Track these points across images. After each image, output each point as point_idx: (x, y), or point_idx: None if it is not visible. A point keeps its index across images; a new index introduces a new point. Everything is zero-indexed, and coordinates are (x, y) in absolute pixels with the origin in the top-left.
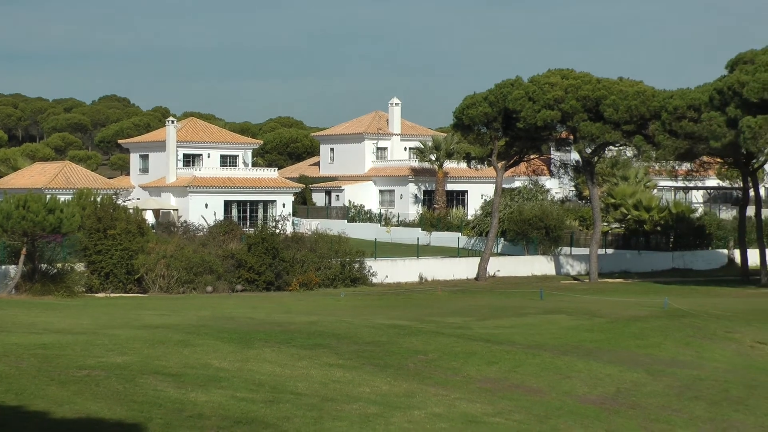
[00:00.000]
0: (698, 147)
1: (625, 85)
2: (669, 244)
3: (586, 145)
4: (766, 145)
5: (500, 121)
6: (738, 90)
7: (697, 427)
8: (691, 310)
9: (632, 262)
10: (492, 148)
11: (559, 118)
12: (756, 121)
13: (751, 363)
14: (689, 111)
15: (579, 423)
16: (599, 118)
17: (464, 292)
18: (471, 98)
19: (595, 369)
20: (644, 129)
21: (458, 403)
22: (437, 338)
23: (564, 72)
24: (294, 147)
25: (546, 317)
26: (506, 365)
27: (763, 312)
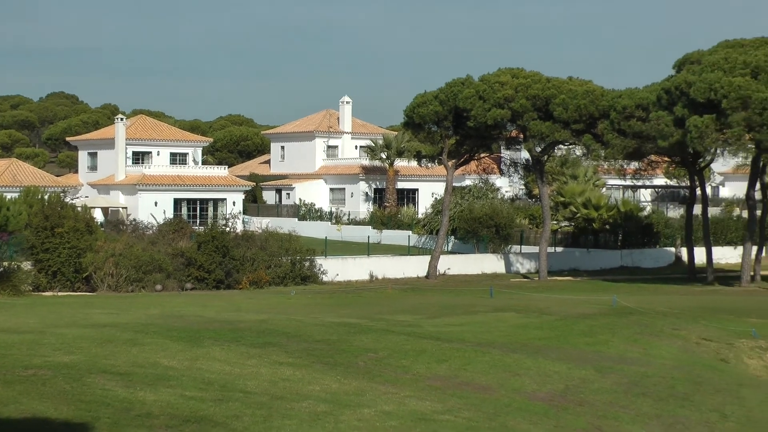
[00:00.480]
0: (646, 146)
1: (574, 84)
2: (617, 243)
3: (535, 143)
4: (712, 145)
5: (451, 119)
6: (685, 90)
7: (644, 423)
8: (638, 307)
9: (581, 260)
10: (442, 146)
11: (509, 116)
12: (702, 120)
13: (696, 359)
14: (637, 110)
15: (528, 420)
16: (549, 117)
17: (415, 290)
18: (422, 97)
19: (544, 366)
20: (593, 128)
21: (408, 401)
22: (387, 336)
23: (514, 71)
24: (244, 145)
25: (495, 315)
26: (456, 363)
27: (709, 309)
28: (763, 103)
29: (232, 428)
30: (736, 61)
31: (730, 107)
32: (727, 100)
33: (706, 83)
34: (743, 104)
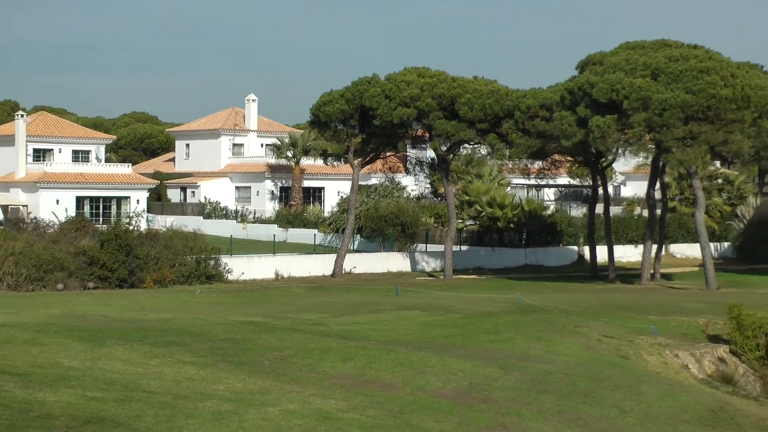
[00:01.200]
0: (550, 146)
1: (479, 84)
2: (522, 241)
3: (441, 142)
4: (614, 145)
5: (357, 118)
6: (588, 90)
7: (547, 419)
8: (542, 305)
9: (486, 258)
10: (349, 145)
11: (415, 115)
12: (604, 121)
13: (598, 357)
14: (541, 110)
15: (432, 417)
16: (454, 117)
17: (320, 289)
18: (328, 95)
19: (449, 364)
20: (498, 127)
21: (313, 399)
22: (292, 335)
23: (420, 70)
24: (149, 143)
25: (401, 313)
26: (361, 361)
27: (611, 307)
28: (662, 104)
29: (135, 428)
30: (637, 62)
31: (631, 108)
32: (629, 101)
33: (608, 84)
34: (644, 105)
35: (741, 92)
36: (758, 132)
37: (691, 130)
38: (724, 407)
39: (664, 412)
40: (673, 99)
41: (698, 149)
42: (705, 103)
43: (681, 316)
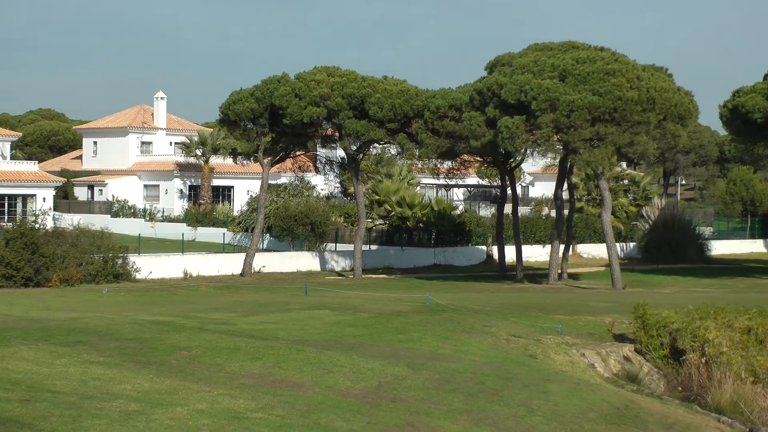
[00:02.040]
0: (459, 146)
1: (389, 84)
2: (431, 241)
3: (351, 142)
4: (522, 145)
5: (267, 117)
6: (497, 91)
7: (455, 418)
8: (450, 305)
9: (395, 258)
10: (258, 143)
11: (325, 115)
12: (513, 121)
13: (506, 356)
14: (451, 110)
15: (341, 417)
16: (364, 116)
17: (229, 288)
18: (237, 94)
19: (358, 363)
20: (408, 127)
21: (221, 399)
22: (201, 334)
23: (330, 69)
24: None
25: (310, 313)
26: (270, 361)
27: (519, 306)
28: (570, 106)
29: (40, 429)
30: (545, 64)
31: (539, 109)
32: (537, 101)
33: (516, 85)
34: (551, 106)
35: (646, 94)
36: (663, 134)
37: (598, 132)
38: (629, 405)
39: (570, 410)
40: (580, 100)
41: (605, 150)
42: (611, 104)
43: (587, 315)
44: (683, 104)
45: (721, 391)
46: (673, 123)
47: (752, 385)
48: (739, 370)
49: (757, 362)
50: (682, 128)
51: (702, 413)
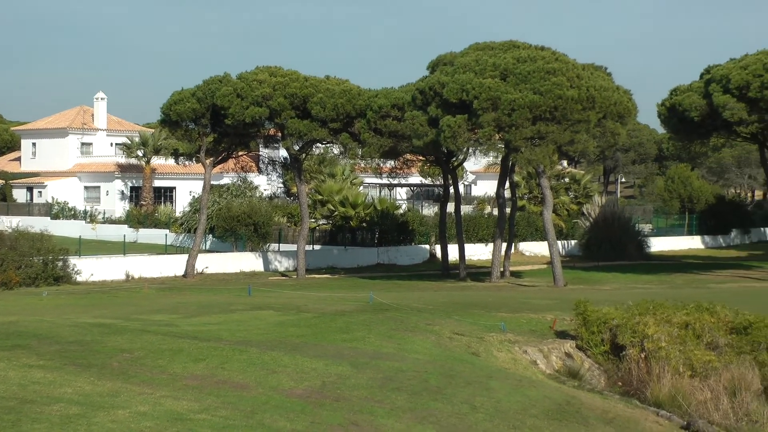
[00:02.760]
0: (402, 145)
1: (331, 83)
2: (374, 240)
3: (293, 142)
4: (464, 144)
5: (208, 117)
6: (438, 90)
7: (399, 417)
8: (394, 304)
9: (339, 257)
10: (200, 144)
11: (267, 115)
12: (455, 120)
13: (449, 354)
14: (393, 110)
15: (285, 417)
16: (307, 116)
17: (172, 290)
18: (179, 94)
19: (302, 363)
20: (350, 127)
21: (164, 401)
22: (143, 336)
23: (272, 69)
24: None
25: (253, 313)
26: (213, 362)
27: (462, 304)
28: (511, 105)
29: None
30: (487, 63)
31: (480, 108)
32: (478, 101)
33: (458, 84)
34: (493, 105)
35: (586, 93)
36: (603, 132)
37: (539, 130)
38: (570, 401)
39: (513, 407)
40: (521, 99)
41: (546, 149)
42: (552, 103)
43: (530, 312)
44: (622, 103)
45: (660, 386)
46: (612, 121)
47: (690, 379)
48: (677, 364)
49: (695, 356)
50: (621, 126)
51: (641, 407)
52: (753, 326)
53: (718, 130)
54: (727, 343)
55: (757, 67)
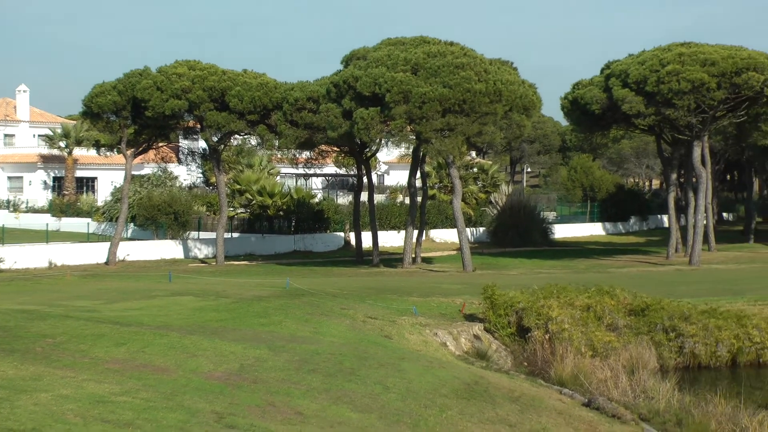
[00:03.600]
0: (317, 136)
1: (249, 77)
2: (291, 228)
3: (212, 133)
4: (377, 136)
5: (129, 109)
6: (352, 84)
7: (314, 397)
8: (310, 289)
9: (257, 245)
10: (121, 135)
11: (187, 107)
12: (368, 113)
13: (362, 337)
14: (309, 103)
15: (204, 399)
16: (225, 108)
17: (94, 277)
18: (100, 87)
19: (221, 347)
20: (267, 119)
21: (86, 384)
22: (66, 322)
23: (191, 63)
24: None
25: (174, 299)
26: (134, 346)
27: (375, 289)
28: (422, 98)
29: None
30: (398, 58)
31: (392, 101)
32: (390, 94)
33: (371, 78)
34: (404, 98)
35: (493, 87)
36: (509, 124)
37: (449, 122)
38: (478, 381)
39: (423, 387)
40: (431, 93)
41: (455, 140)
42: (461, 96)
43: (440, 297)
44: (527, 96)
45: (563, 366)
46: (518, 114)
47: (591, 359)
48: (579, 345)
49: (596, 337)
50: (526, 119)
51: (546, 386)
52: (650, 308)
53: (617, 122)
54: (626, 324)
55: (653, 63)
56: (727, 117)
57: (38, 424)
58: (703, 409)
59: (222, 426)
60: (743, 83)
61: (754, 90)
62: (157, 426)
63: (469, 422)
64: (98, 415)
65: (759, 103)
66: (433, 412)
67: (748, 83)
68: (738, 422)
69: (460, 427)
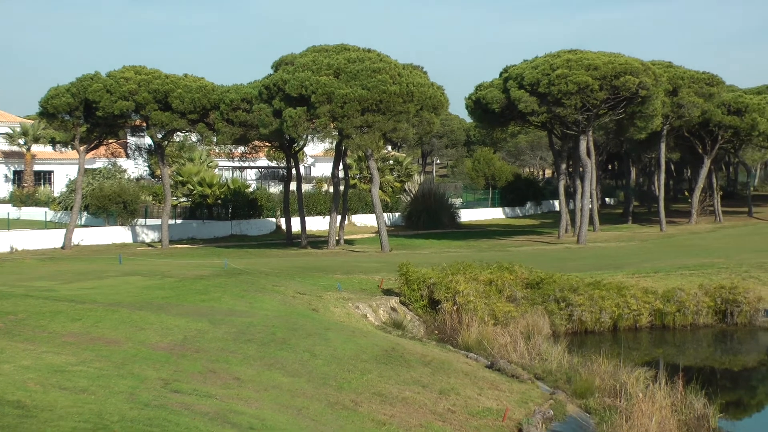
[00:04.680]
0: (251, 133)
1: (189, 80)
2: (228, 215)
3: (157, 131)
4: (304, 132)
5: (81, 110)
6: (281, 86)
7: (250, 364)
8: (246, 269)
9: (198, 230)
10: (75, 133)
11: (134, 108)
12: (295, 112)
13: (292, 310)
14: (243, 103)
15: (152, 367)
16: (168, 109)
17: (52, 260)
18: (55, 90)
19: (166, 321)
20: (206, 118)
21: (45, 355)
22: (26, 300)
23: (137, 68)
24: None
25: (124, 279)
26: (89, 321)
27: (303, 268)
28: (343, 98)
29: None
30: (322, 63)
31: (317, 101)
32: (315, 95)
33: (298, 81)
34: (328, 99)
35: (406, 89)
36: (420, 122)
37: (367, 120)
38: (395, 347)
39: (346, 353)
40: (351, 94)
41: (373, 136)
42: (377, 97)
43: (361, 274)
44: (436, 97)
45: (469, 333)
46: (428, 112)
47: (493, 327)
48: (483, 315)
49: (497, 308)
50: (435, 117)
51: (454, 351)
52: (543, 282)
53: (514, 119)
54: (523, 296)
55: (545, 67)
56: (608, 114)
57: (1, 392)
58: (588, 368)
59: (168, 391)
60: (621, 85)
61: (630, 91)
62: (109, 392)
63: (387, 384)
64: (56, 383)
65: (634, 103)
66: (355, 376)
67: (625, 85)
68: (618, 378)
69: (380, 388)
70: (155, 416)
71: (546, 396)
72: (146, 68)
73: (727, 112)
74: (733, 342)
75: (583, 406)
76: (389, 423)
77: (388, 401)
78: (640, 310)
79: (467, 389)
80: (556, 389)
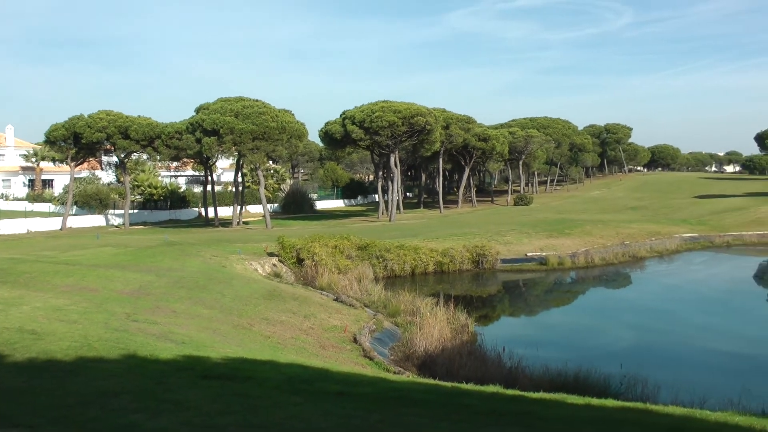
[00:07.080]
0: (181, 153)
1: (141, 120)
2: (167, 206)
3: (121, 152)
4: (216, 153)
5: (72, 139)
6: (201, 123)
7: (182, 301)
8: (179, 241)
9: (148, 217)
10: (68, 154)
11: (105, 137)
12: (210, 140)
13: (209, 267)
14: (176, 134)
15: (119, 305)
16: (128, 138)
17: (54, 237)
18: (54, 126)
19: (128, 276)
20: (153, 144)
21: (50, 300)
22: (37, 264)
23: (108, 111)
24: None
25: (101, 249)
26: (77, 277)
27: (216, 240)
28: (240, 131)
29: None
30: (227, 108)
31: (224, 133)
32: (223, 129)
33: (212, 120)
34: (231, 131)
35: (281, 124)
36: (290, 145)
37: (256, 145)
38: (275, 289)
39: (245, 293)
40: (246, 128)
41: (260, 155)
42: (262, 130)
43: (253, 243)
44: (300, 129)
45: (322, 279)
46: (295, 139)
47: (337, 275)
48: (331, 267)
49: (340, 263)
50: (299, 142)
51: (313, 290)
52: (369, 246)
53: (350, 144)
54: (357, 255)
55: (368, 111)
56: (407, 141)
57: (22, 323)
58: (397, 298)
59: (129, 320)
60: (415, 122)
61: (420, 126)
62: (91, 321)
63: (271, 312)
64: (57, 317)
65: (423, 133)
66: (250, 307)
67: (417, 123)
68: (415, 304)
69: (266, 315)
70: (121, 337)
71: (371, 317)
72: (113, 112)
73: (478, 139)
74: (482, 279)
75: (394, 323)
76: (272, 336)
77: (271, 323)
78: (428, 262)
79: (322, 314)
80: (377, 312)
